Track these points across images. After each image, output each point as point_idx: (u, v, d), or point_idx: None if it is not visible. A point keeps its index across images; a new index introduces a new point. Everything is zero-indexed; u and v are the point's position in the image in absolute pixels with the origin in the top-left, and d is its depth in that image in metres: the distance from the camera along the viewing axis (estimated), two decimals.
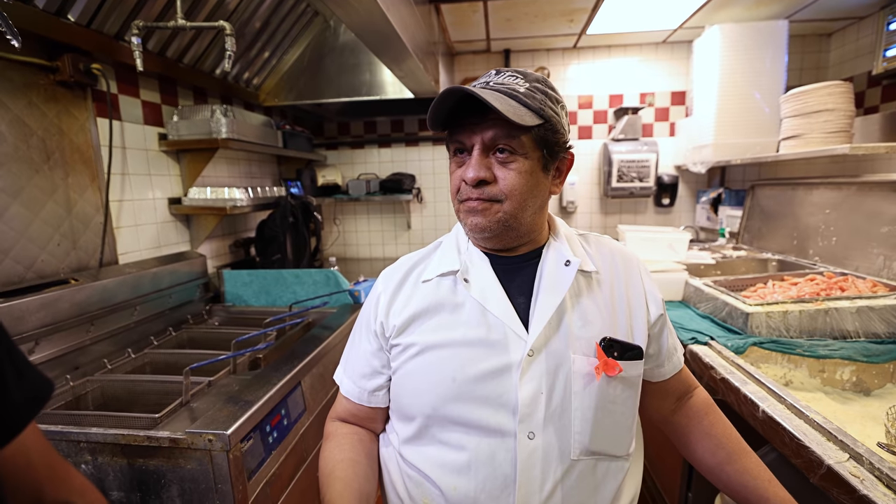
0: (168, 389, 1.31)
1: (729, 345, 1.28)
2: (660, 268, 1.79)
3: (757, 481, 0.73)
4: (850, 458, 0.80)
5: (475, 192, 0.68)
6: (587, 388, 0.67)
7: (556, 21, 2.55)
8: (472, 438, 0.68)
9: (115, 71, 1.67)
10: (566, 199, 3.12)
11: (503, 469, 0.66)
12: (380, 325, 0.77)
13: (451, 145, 0.72)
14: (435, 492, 0.69)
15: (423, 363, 0.71)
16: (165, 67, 1.82)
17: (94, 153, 1.59)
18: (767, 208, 2.29)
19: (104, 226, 1.60)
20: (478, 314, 0.71)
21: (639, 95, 3.06)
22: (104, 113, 1.61)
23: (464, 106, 0.67)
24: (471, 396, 0.68)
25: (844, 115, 1.83)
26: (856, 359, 1.20)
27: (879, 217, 1.57)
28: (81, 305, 1.43)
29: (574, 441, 0.67)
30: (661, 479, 1.77)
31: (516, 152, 0.68)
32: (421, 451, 0.72)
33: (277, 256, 2.30)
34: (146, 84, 1.83)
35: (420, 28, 1.96)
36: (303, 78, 2.52)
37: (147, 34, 1.65)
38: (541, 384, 0.67)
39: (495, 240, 0.73)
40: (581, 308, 0.72)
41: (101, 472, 1.07)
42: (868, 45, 2.45)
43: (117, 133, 1.67)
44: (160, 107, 1.91)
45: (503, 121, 0.65)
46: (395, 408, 0.77)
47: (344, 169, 3.32)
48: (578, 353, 0.68)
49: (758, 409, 1.00)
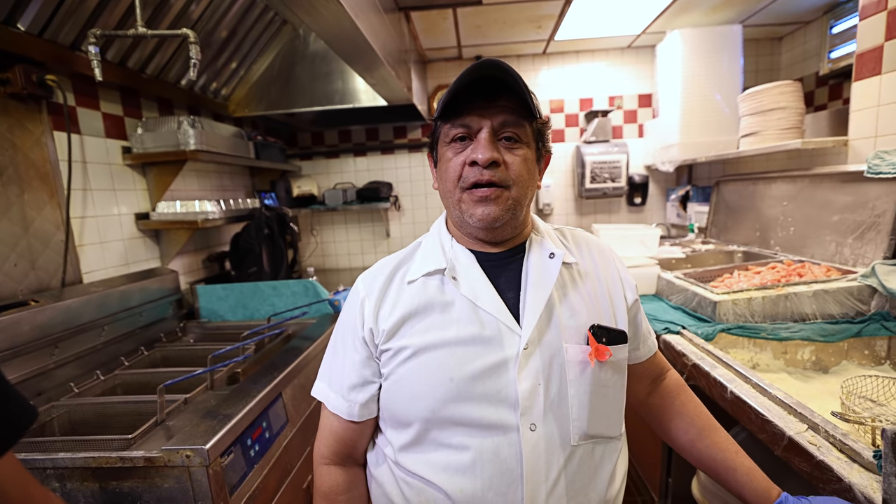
0: (142, 410, 1.26)
1: (699, 332, 1.33)
2: (633, 263, 1.85)
3: (725, 454, 0.76)
4: (808, 428, 0.85)
5: (487, 173, 0.67)
6: (582, 375, 0.69)
7: (524, 28, 2.61)
8: (475, 437, 0.67)
9: (72, 82, 1.62)
10: (542, 202, 3.17)
11: (509, 464, 0.66)
12: (368, 331, 0.74)
13: (452, 131, 0.70)
14: (439, 496, 0.68)
15: (417, 366, 0.70)
16: (127, 78, 1.77)
17: (52, 168, 1.53)
18: (732, 203, 2.38)
19: (66, 244, 1.54)
20: (469, 312, 0.71)
21: (608, 99, 3.15)
22: (61, 126, 1.55)
23: (472, 90, 0.67)
24: (470, 395, 0.67)
25: (795, 112, 1.94)
26: (814, 339, 1.26)
27: (830, 206, 1.67)
28: (43, 327, 1.37)
29: (573, 427, 0.68)
30: (643, 468, 1.81)
31: (521, 140, 0.70)
32: (421, 456, 0.70)
33: (254, 269, 2.26)
34: (107, 96, 1.78)
35: (391, 36, 1.98)
36: (273, 87, 2.49)
37: (106, 43, 1.61)
38: (538, 376, 0.68)
39: (498, 231, 0.73)
40: (567, 299, 0.74)
41: (71, 498, 1.02)
42: (815, 47, 2.60)
43: (77, 147, 1.62)
44: (122, 119, 1.86)
45: (511, 109, 0.68)
46: (388, 416, 0.74)
47: (319, 179, 3.29)
48: (570, 343, 0.70)
49: (726, 390, 1.04)
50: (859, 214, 1.53)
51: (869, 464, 0.73)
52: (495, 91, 0.68)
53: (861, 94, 1.57)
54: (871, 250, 1.47)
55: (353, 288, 0.81)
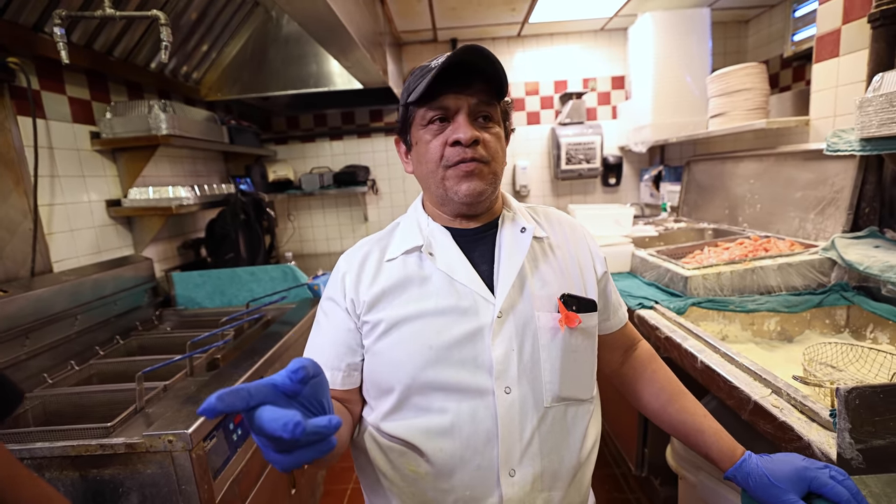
0: (119, 399, 1.24)
1: (671, 307, 1.39)
2: (608, 242, 1.89)
3: (694, 417, 0.81)
4: (772, 392, 0.90)
5: (470, 151, 0.71)
6: (553, 341, 0.73)
7: (499, 10, 2.60)
8: (453, 401, 0.70)
9: (35, 66, 1.55)
10: (519, 184, 3.20)
11: (485, 425, 0.70)
12: (350, 301, 0.77)
13: (429, 113, 0.73)
14: (420, 458, 0.71)
15: (398, 336, 0.73)
16: (94, 61, 1.71)
17: (17, 155, 1.47)
18: (702, 182, 2.46)
19: (34, 232, 1.49)
20: (446, 285, 0.74)
21: (582, 81, 3.18)
22: (25, 111, 1.49)
23: (446, 74, 0.69)
24: (448, 361, 0.71)
25: (761, 93, 2.00)
26: (779, 310, 1.33)
27: (794, 183, 1.74)
28: (13, 318, 1.33)
29: (546, 390, 0.72)
30: (621, 440, 1.88)
31: (493, 119, 0.75)
32: (402, 422, 0.73)
33: (230, 255, 2.23)
34: (73, 79, 1.71)
35: (365, 18, 1.95)
36: (246, 71, 2.43)
37: (71, 25, 1.54)
38: (511, 342, 0.72)
39: (481, 204, 0.77)
40: (539, 271, 0.78)
41: None
42: (779, 30, 2.67)
43: (42, 132, 1.56)
44: (90, 103, 1.79)
45: (485, 90, 0.72)
46: (371, 385, 0.77)
47: (296, 164, 3.24)
48: (542, 311, 0.74)
49: (697, 360, 1.09)
50: (820, 191, 1.61)
51: (826, 422, 0.78)
52: (469, 74, 0.71)
53: (821, 76, 1.63)
54: (831, 225, 1.54)
55: (335, 267, 0.84)
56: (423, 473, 0.71)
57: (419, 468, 0.72)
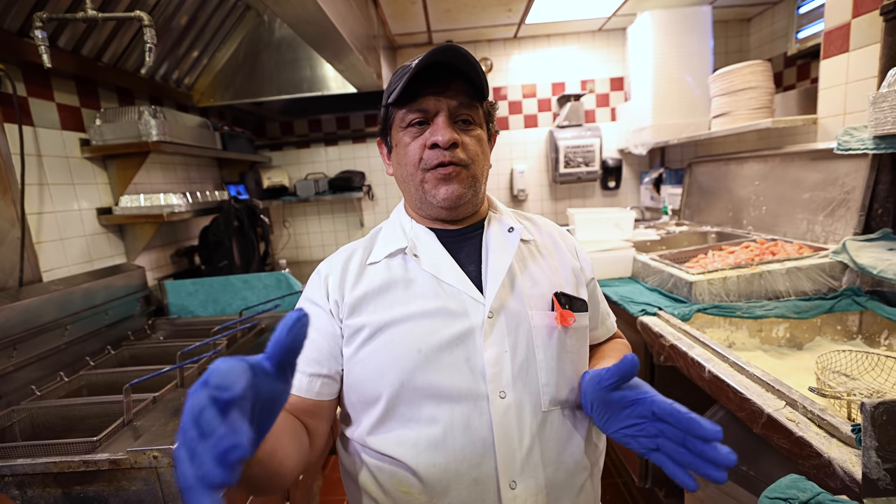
0: (108, 411, 1.21)
1: (676, 313, 1.34)
2: (609, 246, 1.85)
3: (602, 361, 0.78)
4: (786, 405, 0.85)
5: (448, 154, 0.69)
6: (550, 340, 0.70)
7: (494, 11, 2.57)
8: (444, 409, 0.66)
9: (21, 72, 1.52)
10: (517, 188, 3.17)
11: (480, 433, 0.65)
12: (334, 303, 0.74)
13: (408, 116, 0.72)
14: (411, 476, 0.66)
15: (383, 341, 0.69)
16: (82, 67, 1.68)
17: (4, 162, 1.44)
18: (704, 184, 2.41)
19: (22, 241, 1.46)
20: (432, 286, 0.72)
21: (580, 83, 3.15)
22: (12, 118, 1.46)
23: (425, 75, 0.69)
24: (438, 365, 0.67)
25: (765, 92, 1.96)
26: (788, 316, 1.28)
27: (801, 185, 1.69)
28: (0, 329, 1.30)
29: (543, 393, 0.69)
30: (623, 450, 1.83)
31: (474, 121, 0.73)
32: (390, 435, 0.68)
33: (224, 263, 2.20)
34: (61, 86, 1.68)
35: (358, 21, 1.92)
36: (239, 76, 2.41)
37: (58, 30, 1.51)
38: (504, 343, 0.68)
39: (461, 209, 0.75)
40: (528, 270, 0.76)
41: None
42: (783, 28, 2.63)
43: (30, 140, 1.53)
44: (80, 110, 1.76)
45: (464, 92, 0.70)
46: (356, 395, 0.72)
47: (290, 170, 3.21)
48: (535, 310, 0.72)
49: (704, 370, 1.04)
50: (829, 192, 1.56)
51: (847, 438, 0.73)
52: (448, 75, 0.70)
53: (829, 72, 1.58)
54: (842, 227, 1.50)
55: (315, 271, 0.81)
56: (415, 493, 0.66)
57: (411, 488, 0.66)
